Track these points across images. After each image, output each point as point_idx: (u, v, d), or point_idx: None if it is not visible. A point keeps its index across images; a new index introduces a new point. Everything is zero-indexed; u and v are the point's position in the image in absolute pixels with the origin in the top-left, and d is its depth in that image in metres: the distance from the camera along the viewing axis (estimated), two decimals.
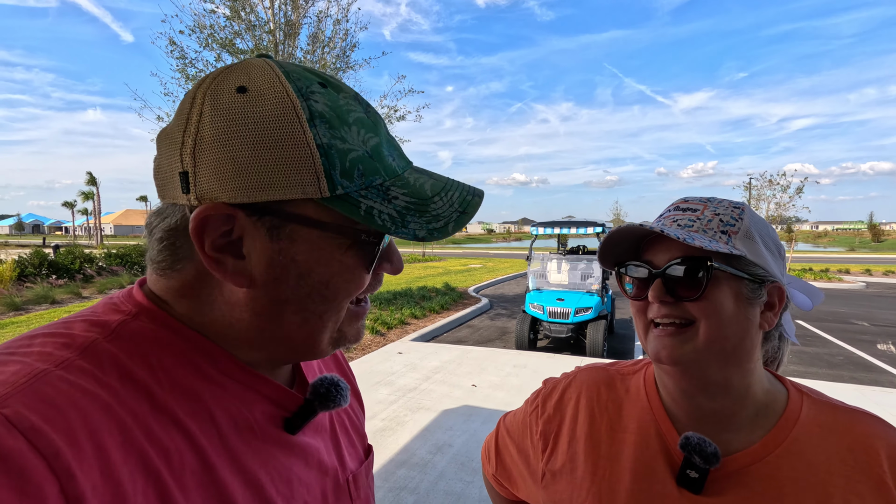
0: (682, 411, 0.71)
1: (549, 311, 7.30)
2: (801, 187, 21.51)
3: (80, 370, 0.38)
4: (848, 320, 10.85)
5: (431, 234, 0.46)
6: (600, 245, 0.72)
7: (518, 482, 0.89)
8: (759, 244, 0.68)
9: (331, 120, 0.44)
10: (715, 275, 0.64)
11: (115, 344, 0.42)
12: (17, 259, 12.25)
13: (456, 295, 12.76)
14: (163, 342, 0.44)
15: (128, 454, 0.37)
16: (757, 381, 0.69)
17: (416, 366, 6.25)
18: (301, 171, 0.42)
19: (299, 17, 8.99)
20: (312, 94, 0.44)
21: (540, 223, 8.51)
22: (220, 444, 0.44)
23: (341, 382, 0.56)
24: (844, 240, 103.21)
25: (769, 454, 0.65)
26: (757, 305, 0.67)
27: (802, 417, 0.67)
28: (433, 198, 0.48)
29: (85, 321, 0.43)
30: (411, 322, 9.21)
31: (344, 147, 0.44)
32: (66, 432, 0.34)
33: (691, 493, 0.66)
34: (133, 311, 0.45)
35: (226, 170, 0.41)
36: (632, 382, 0.80)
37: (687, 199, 0.73)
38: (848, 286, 17.88)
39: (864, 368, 7.06)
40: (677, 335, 0.65)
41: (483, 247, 68.00)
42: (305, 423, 0.52)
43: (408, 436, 4.17)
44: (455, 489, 3.36)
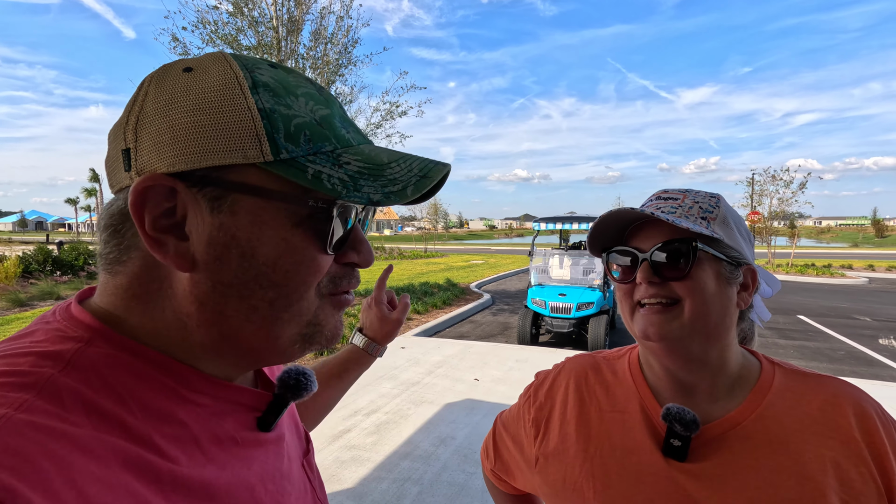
0: (665, 387, 0.76)
1: (551, 306, 7.33)
2: (804, 183, 21.45)
3: (41, 411, 0.33)
4: (850, 315, 10.86)
5: (388, 198, 0.42)
6: (590, 231, 0.77)
7: (515, 473, 0.93)
8: (734, 230, 0.74)
9: (275, 89, 0.42)
10: (698, 256, 0.69)
11: (73, 377, 0.37)
12: (21, 255, 12.33)
13: (458, 291, 12.80)
14: (126, 367, 0.40)
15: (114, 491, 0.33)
16: (733, 355, 0.74)
17: (419, 360, 6.30)
18: (241, 134, 0.40)
19: (302, 13, 9.00)
20: (258, 68, 0.43)
21: (542, 219, 8.53)
22: (206, 460, 0.42)
23: (307, 370, 0.55)
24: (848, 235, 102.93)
25: (745, 420, 0.70)
26: (734, 285, 0.72)
27: (775, 385, 0.72)
28: (389, 164, 0.44)
29: (30, 354, 0.38)
30: (414, 317, 9.26)
31: (289, 112, 0.42)
32: (44, 487, 0.30)
33: (677, 460, 0.70)
34: (84, 336, 0.41)
35: (164, 139, 0.40)
36: (618, 366, 0.85)
37: (667, 190, 0.79)
38: (850, 282, 17.87)
39: (865, 363, 7.08)
40: (664, 313, 0.70)
41: (485, 243, 68.06)
42: (279, 417, 0.51)
43: (411, 428, 4.22)
44: (458, 480, 3.40)
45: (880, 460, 0.64)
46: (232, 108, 0.40)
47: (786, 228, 23.58)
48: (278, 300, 0.43)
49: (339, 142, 0.44)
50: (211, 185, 0.40)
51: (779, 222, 23.09)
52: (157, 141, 0.40)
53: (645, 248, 0.73)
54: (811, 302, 12.80)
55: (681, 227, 0.68)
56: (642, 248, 0.73)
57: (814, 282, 17.96)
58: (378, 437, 4.06)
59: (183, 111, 0.40)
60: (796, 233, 23.66)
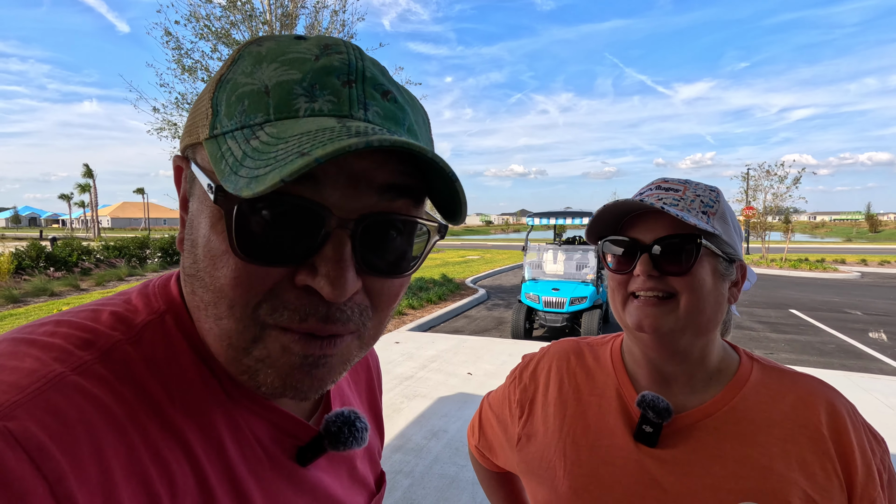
0: (644, 375, 0.78)
1: (545, 300, 7.37)
2: (798, 178, 21.57)
3: (98, 378, 0.35)
4: (841, 310, 10.95)
5: (248, 185, 0.31)
6: (592, 219, 0.76)
7: (497, 450, 0.95)
8: (731, 226, 0.75)
9: (258, 56, 0.37)
10: (700, 252, 0.69)
11: (136, 348, 0.38)
12: (14, 252, 12.26)
13: (453, 286, 12.83)
14: (180, 354, 0.40)
15: (130, 477, 0.33)
16: (715, 348, 0.75)
17: (413, 355, 6.33)
18: (204, 110, 0.38)
19: (296, 7, 8.96)
20: (270, 40, 0.39)
21: (536, 214, 8.56)
22: (225, 475, 0.40)
23: (358, 421, 0.48)
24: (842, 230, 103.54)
25: (717, 411, 0.72)
26: (727, 281, 0.73)
27: (751, 380, 0.74)
28: (289, 138, 0.33)
29: (113, 314, 0.40)
30: (409, 312, 9.29)
31: (241, 80, 0.37)
32: (73, 454, 0.31)
33: (647, 446, 0.72)
34: (161, 308, 0.42)
35: (189, 122, 0.42)
36: (601, 352, 0.87)
37: (666, 179, 0.78)
38: (843, 276, 18.00)
39: (855, 356, 7.16)
40: (660, 305, 0.70)
41: (481, 238, 68.10)
42: (316, 458, 0.47)
43: (404, 422, 4.25)
44: (449, 472, 3.44)
45: (845, 458, 0.66)
46: (211, 84, 0.39)
47: (780, 223, 23.70)
48: (210, 308, 0.37)
49: (277, 112, 0.35)
50: (187, 165, 0.41)
51: (773, 217, 23.21)
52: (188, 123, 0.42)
53: (645, 239, 0.72)
54: (803, 296, 12.90)
55: (688, 223, 0.67)
56: (642, 240, 0.72)
57: (806, 276, 18.08)
58: None
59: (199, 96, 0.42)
60: (790, 228, 23.80)
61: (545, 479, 0.78)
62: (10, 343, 0.35)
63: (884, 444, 0.70)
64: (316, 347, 0.37)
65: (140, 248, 15.61)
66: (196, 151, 0.39)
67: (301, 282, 0.36)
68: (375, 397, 0.67)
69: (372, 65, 0.40)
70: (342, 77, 0.37)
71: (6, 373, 0.33)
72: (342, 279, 0.35)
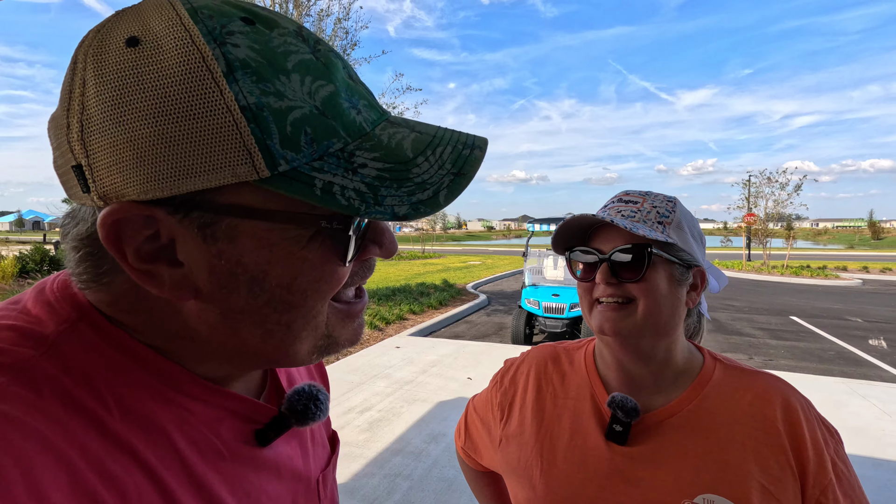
0: (614, 377, 0.83)
1: (545, 306, 7.41)
2: (799, 185, 21.59)
3: (15, 398, 0.31)
4: (842, 317, 10.95)
5: (417, 211, 0.34)
6: (555, 232, 0.83)
7: (482, 451, 1.01)
8: (687, 233, 0.80)
9: (259, 69, 0.33)
10: (653, 259, 0.75)
11: (53, 362, 0.34)
12: (18, 255, 12.36)
13: (454, 291, 12.87)
14: (107, 359, 0.36)
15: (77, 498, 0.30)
16: (678, 350, 0.81)
17: (414, 360, 6.36)
18: (224, 147, 0.31)
19: (300, 15, 9.07)
20: (230, 35, 0.33)
21: (536, 220, 8.62)
22: (184, 475, 0.38)
23: (320, 394, 0.48)
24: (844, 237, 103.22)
25: (682, 409, 0.77)
26: (684, 286, 0.79)
27: (714, 379, 0.79)
28: (415, 158, 0.36)
29: (14, 328, 0.35)
30: (409, 317, 9.32)
31: (281, 105, 0.33)
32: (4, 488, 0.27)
33: (617, 444, 0.77)
34: (72, 316, 0.37)
35: (125, 157, 0.32)
36: (575, 356, 0.92)
37: (628, 192, 0.85)
38: (844, 283, 17.99)
39: (854, 363, 7.17)
40: (619, 310, 0.76)
41: (483, 244, 68.13)
42: (278, 436, 0.46)
43: (403, 426, 4.28)
44: (448, 476, 3.47)
45: (798, 450, 0.71)
46: (204, 108, 0.31)
47: (782, 230, 23.70)
48: (296, 321, 0.38)
49: (349, 132, 0.36)
50: (197, 209, 0.34)
51: (775, 224, 23.21)
52: (116, 158, 0.32)
53: (605, 249, 0.78)
54: (804, 303, 12.89)
55: (637, 233, 0.73)
56: (602, 250, 0.78)
57: (808, 283, 18.06)
58: (370, 434, 4.12)
59: (140, 115, 0.31)
60: (792, 234, 23.79)
61: (524, 479, 0.83)
62: None
63: (837, 436, 0.75)
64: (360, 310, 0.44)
65: None
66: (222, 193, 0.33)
67: (368, 254, 0.42)
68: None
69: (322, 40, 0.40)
70: (346, 71, 0.38)
71: None
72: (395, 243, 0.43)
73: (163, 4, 0.33)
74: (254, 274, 0.36)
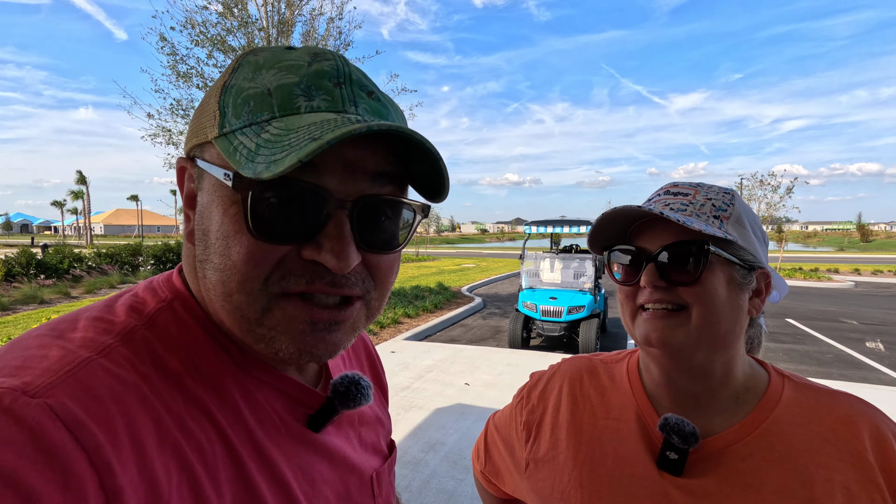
0: (664, 395, 0.71)
1: (542, 309, 7.31)
2: (790, 187, 21.72)
3: (121, 358, 0.38)
4: (837, 319, 10.96)
5: (267, 168, 0.36)
6: (592, 227, 0.71)
7: (504, 476, 0.89)
8: (749, 230, 0.69)
9: (256, 64, 0.43)
10: (710, 260, 0.64)
11: (151, 331, 0.42)
12: (4, 259, 12.08)
13: (449, 294, 12.75)
14: (192, 333, 0.45)
15: (163, 448, 0.37)
16: (739, 365, 0.69)
17: (409, 365, 6.23)
18: (210, 113, 0.43)
19: (293, 14, 8.95)
20: (264, 51, 0.45)
21: (533, 222, 8.53)
22: (248, 439, 0.43)
23: (363, 381, 0.53)
24: (834, 240, 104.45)
25: (749, 435, 0.65)
26: (747, 291, 0.67)
27: (784, 399, 0.68)
28: (298, 128, 0.38)
29: (126, 306, 0.44)
30: (404, 321, 9.18)
31: (245, 85, 0.42)
32: (107, 425, 0.34)
33: (672, 474, 0.65)
34: (168, 297, 0.46)
35: (189, 129, 0.47)
36: (616, 370, 0.80)
37: (676, 183, 0.73)
38: (837, 285, 18.09)
39: (853, 366, 7.13)
40: (669, 318, 0.65)
41: (477, 247, 68.12)
42: (328, 421, 0.51)
43: (400, 434, 4.15)
44: (447, 487, 3.34)
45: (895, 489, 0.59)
46: (214, 90, 0.44)
47: (773, 233, 23.82)
48: (219, 286, 0.42)
49: (281, 110, 0.41)
50: (195, 164, 0.45)
51: (767, 227, 23.35)
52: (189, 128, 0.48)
53: (651, 248, 0.67)
54: (799, 305, 12.90)
55: (692, 228, 0.62)
56: (648, 249, 0.67)
57: (801, 286, 18.13)
58: None
59: (202, 101, 0.47)
60: (783, 237, 23.91)
61: None
62: (37, 338, 0.39)
63: None
64: (325, 314, 0.43)
65: (132, 256, 15.42)
66: (204, 150, 0.44)
67: (308, 256, 0.41)
68: (377, 367, 0.72)
69: (356, 70, 0.46)
70: (333, 80, 0.43)
71: (38, 360, 0.36)
72: (345, 252, 0.41)
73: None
74: (205, 226, 0.43)
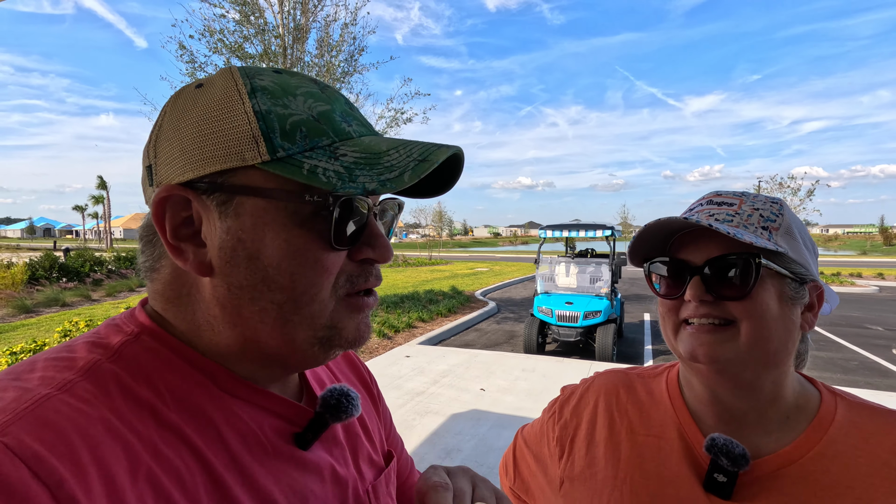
0: (709, 413, 0.68)
1: (558, 314, 7.24)
2: (811, 190, 21.28)
3: (83, 392, 0.37)
4: (862, 325, 10.67)
5: (384, 185, 0.40)
6: (633, 239, 0.69)
7: (536, 494, 0.86)
8: (800, 242, 0.66)
9: (273, 91, 0.43)
10: (760, 272, 0.61)
11: (117, 364, 0.41)
12: (28, 262, 12.37)
13: (463, 298, 12.72)
14: (164, 361, 0.43)
15: (136, 478, 0.35)
16: (789, 382, 0.66)
17: (424, 369, 6.21)
18: (239, 138, 0.41)
19: (308, 21, 9.04)
20: (260, 75, 0.45)
21: (548, 226, 8.46)
22: (231, 462, 0.42)
23: (351, 392, 0.53)
24: (855, 243, 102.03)
25: (803, 456, 0.62)
26: (799, 305, 0.64)
27: (838, 419, 0.64)
28: (388, 151, 0.43)
29: (87, 343, 0.42)
30: (418, 325, 9.18)
31: (285, 112, 0.43)
32: (70, 459, 0.33)
33: (720, 498, 0.62)
34: (135, 330, 0.45)
35: (175, 152, 0.43)
36: (654, 385, 0.78)
37: (720, 192, 0.70)
38: (860, 290, 17.64)
39: (880, 373, 6.93)
40: (716, 332, 0.62)
41: (489, 250, 67.93)
42: (317, 437, 0.50)
43: (416, 440, 4.13)
44: None
45: None
46: (231, 114, 0.42)
47: None
48: (286, 304, 0.43)
49: (337, 135, 0.44)
50: (218, 190, 0.42)
51: None
52: (170, 154, 0.43)
53: (695, 260, 0.65)
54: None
55: (743, 240, 0.59)
56: (692, 261, 0.65)
57: None
58: None
59: (190, 124, 0.42)
60: None
61: None
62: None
63: None
64: (370, 302, 0.48)
65: None
66: (234, 176, 0.42)
67: (362, 256, 0.46)
68: (363, 375, 0.72)
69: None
70: (348, 105, 0.48)
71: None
72: (390, 245, 0.48)
73: (225, 70, 0.46)
74: (250, 250, 0.42)
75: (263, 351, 0.45)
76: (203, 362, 0.44)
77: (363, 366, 0.74)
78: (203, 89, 0.44)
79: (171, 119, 0.44)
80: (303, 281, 0.43)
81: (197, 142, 0.42)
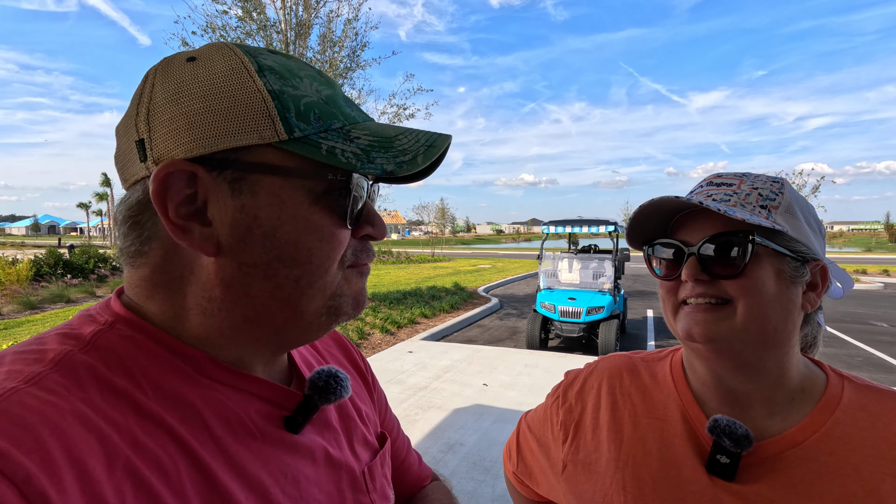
0: (712, 395, 0.68)
1: (561, 310, 7.23)
2: (817, 186, 21.17)
3: (54, 385, 0.36)
4: (866, 321, 10.62)
5: (401, 167, 0.43)
6: (629, 221, 0.69)
7: (539, 478, 0.86)
8: (801, 220, 0.65)
9: (281, 72, 0.44)
10: (756, 251, 0.61)
11: (91, 354, 0.39)
12: (33, 259, 12.44)
13: (466, 294, 12.72)
14: (142, 349, 0.42)
15: (113, 469, 0.34)
16: (794, 364, 0.65)
17: (427, 365, 6.22)
18: (254, 115, 0.41)
19: (310, 17, 9.03)
20: (261, 54, 0.45)
21: (551, 222, 8.45)
22: (216, 448, 0.41)
23: (340, 373, 0.53)
24: (861, 240, 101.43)
25: (808, 438, 0.61)
26: (799, 285, 0.64)
27: (844, 401, 0.63)
28: (397, 136, 0.46)
29: (58, 335, 0.41)
30: (421, 321, 9.19)
31: (297, 93, 0.43)
32: (38, 453, 0.31)
33: (723, 479, 0.62)
34: (109, 320, 0.43)
35: (179, 126, 0.40)
36: (658, 369, 0.77)
37: (721, 174, 0.70)
38: (865, 287, 17.54)
39: (884, 370, 6.90)
40: (711, 311, 0.62)
41: (492, 247, 67.91)
42: (307, 419, 0.50)
43: (419, 434, 4.14)
44: (467, 488, 3.32)
45: None
46: (243, 91, 0.41)
47: None
48: (303, 277, 0.44)
49: (346, 119, 0.46)
50: (230, 167, 0.41)
51: None
52: (171, 128, 0.41)
53: (692, 240, 0.64)
54: (826, 307, 12.35)
55: (735, 217, 0.59)
56: (689, 242, 0.65)
57: None
58: None
59: (195, 98, 0.41)
60: None
61: None
62: None
63: None
64: (368, 271, 0.51)
65: None
66: (248, 153, 0.41)
67: (363, 233, 0.48)
68: (353, 357, 0.72)
69: None
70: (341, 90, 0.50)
71: None
72: (384, 223, 0.51)
73: (217, 45, 0.45)
74: (266, 229, 0.42)
75: (265, 328, 0.45)
76: (183, 348, 0.43)
77: (354, 348, 0.75)
78: (199, 63, 0.42)
79: (166, 92, 0.41)
80: (319, 255, 0.44)
81: (206, 116, 0.40)
